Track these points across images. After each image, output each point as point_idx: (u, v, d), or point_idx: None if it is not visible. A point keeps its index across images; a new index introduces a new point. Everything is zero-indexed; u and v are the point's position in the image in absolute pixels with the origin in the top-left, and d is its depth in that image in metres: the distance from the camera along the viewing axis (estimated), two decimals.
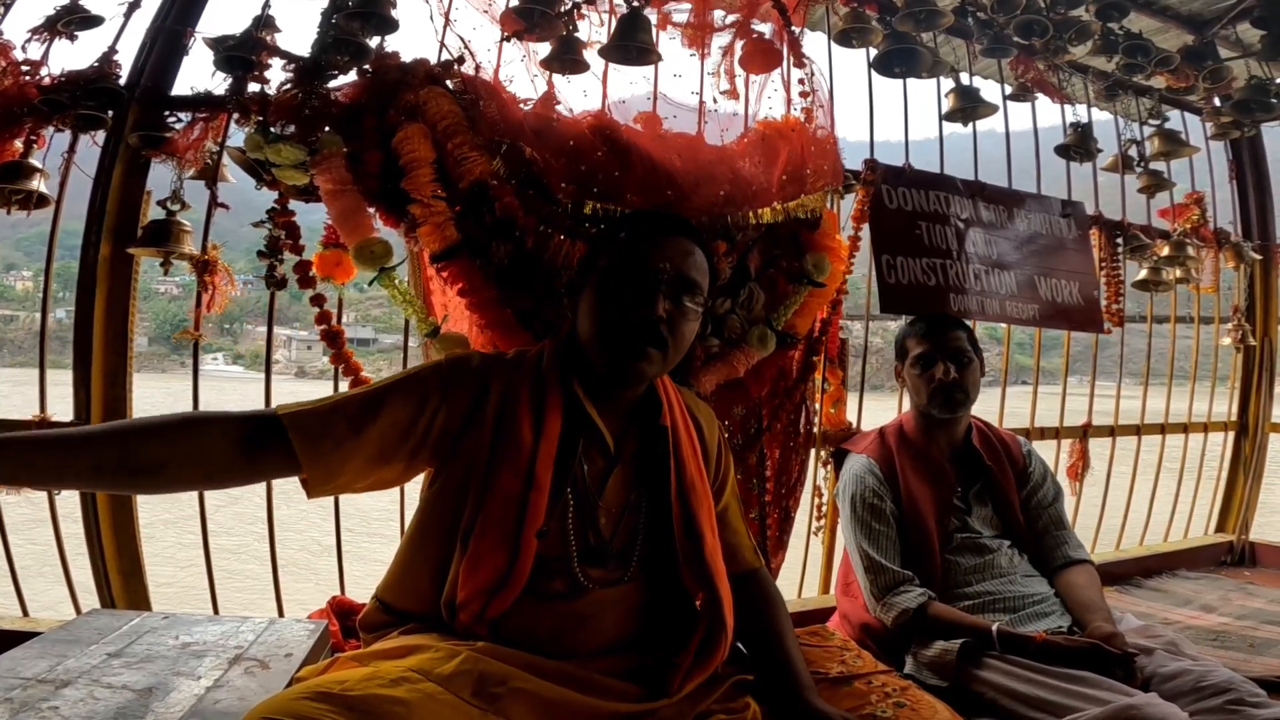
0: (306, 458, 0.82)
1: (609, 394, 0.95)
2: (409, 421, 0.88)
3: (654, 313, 0.89)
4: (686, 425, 1.01)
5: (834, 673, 1.19)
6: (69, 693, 0.89)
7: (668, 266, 0.92)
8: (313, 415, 0.84)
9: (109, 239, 1.32)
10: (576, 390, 0.93)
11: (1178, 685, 1.11)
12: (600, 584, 0.91)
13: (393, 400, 0.88)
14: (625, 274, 0.92)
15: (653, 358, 0.90)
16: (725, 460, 1.10)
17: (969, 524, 1.44)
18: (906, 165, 1.79)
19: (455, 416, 0.91)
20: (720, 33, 1.58)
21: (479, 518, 0.86)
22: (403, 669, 0.76)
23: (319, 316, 1.28)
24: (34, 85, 1.27)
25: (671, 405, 1.00)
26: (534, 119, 1.33)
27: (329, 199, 1.21)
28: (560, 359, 0.96)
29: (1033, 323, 1.87)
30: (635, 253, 0.93)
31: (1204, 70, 2.01)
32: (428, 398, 0.90)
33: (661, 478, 0.95)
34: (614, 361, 0.91)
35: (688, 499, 0.95)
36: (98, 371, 1.32)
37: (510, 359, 0.98)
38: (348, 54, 1.31)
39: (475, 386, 0.92)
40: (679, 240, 0.95)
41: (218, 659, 1.02)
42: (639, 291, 0.90)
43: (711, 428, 1.09)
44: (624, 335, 0.90)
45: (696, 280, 0.94)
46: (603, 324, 0.92)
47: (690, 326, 0.94)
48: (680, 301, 0.92)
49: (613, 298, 0.91)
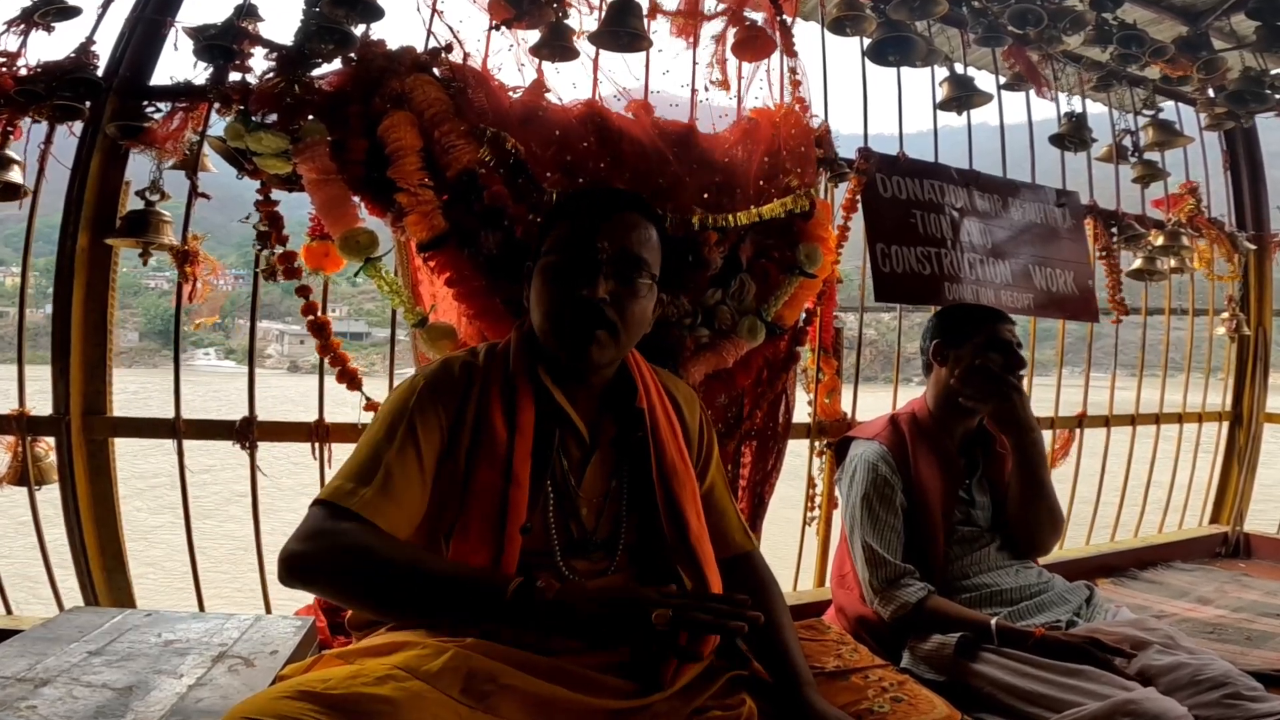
0: (396, 530, 0.83)
1: (577, 381, 0.94)
2: (439, 441, 0.88)
3: (595, 295, 0.87)
4: (665, 406, 0.99)
5: (830, 667, 1.18)
6: (48, 691, 0.87)
7: (607, 245, 0.89)
8: (387, 499, 0.83)
9: (87, 229, 1.29)
10: (544, 380, 0.91)
11: (1175, 679, 1.11)
12: (586, 576, 0.90)
13: (425, 446, 0.87)
14: (565, 257, 0.90)
15: (602, 340, 0.88)
16: (708, 439, 1.08)
17: (972, 515, 1.43)
18: (901, 154, 1.77)
19: (448, 423, 0.90)
20: (711, 21, 1.56)
21: (461, 517, 0.85)
22: (389, 666, 0.74)
23: (305, 308, 1.25)
24: (10, 76, 1.24)
25: (648, 387, 0.98)
26: (521, 107, 1.32)
27: (313, 188, 1.18)
28: (525, 349, 0.94)
29: (1027, 312, 1.86)
30: (575, 234, 0.91)
31: (1199, 61, 2.00)
32: (438, 411, 0.89)
33: (641, 463, 0.94)
34: (565, 349, 0.90)
35: (669, 483, 0.93)
36: (76, 365, 1.30)
37: (482, 357, 0.96)
38: (332, 42, 1.28)
39: (459, 393, 0.91)
40: (623, 215, 0.93)
41: (201, 656, 1.01)
42: (579, 274, 0.88)
43: (692, 407, 1.07)
44: (569, 321, 0.88)
45: (642, 256, 0.91)
46: (549, 311, 0.90)
47: (642, 304, 0.92)
48: (628, 281, 0.90)
49: (555, 283, 0.90)
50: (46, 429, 1.31)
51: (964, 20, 1.91)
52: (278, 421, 1.36)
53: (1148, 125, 2.15)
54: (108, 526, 1.34)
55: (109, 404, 1.33)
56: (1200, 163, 2.39)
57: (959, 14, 1.90)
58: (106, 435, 1.33)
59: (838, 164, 1.64)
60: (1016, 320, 1.56)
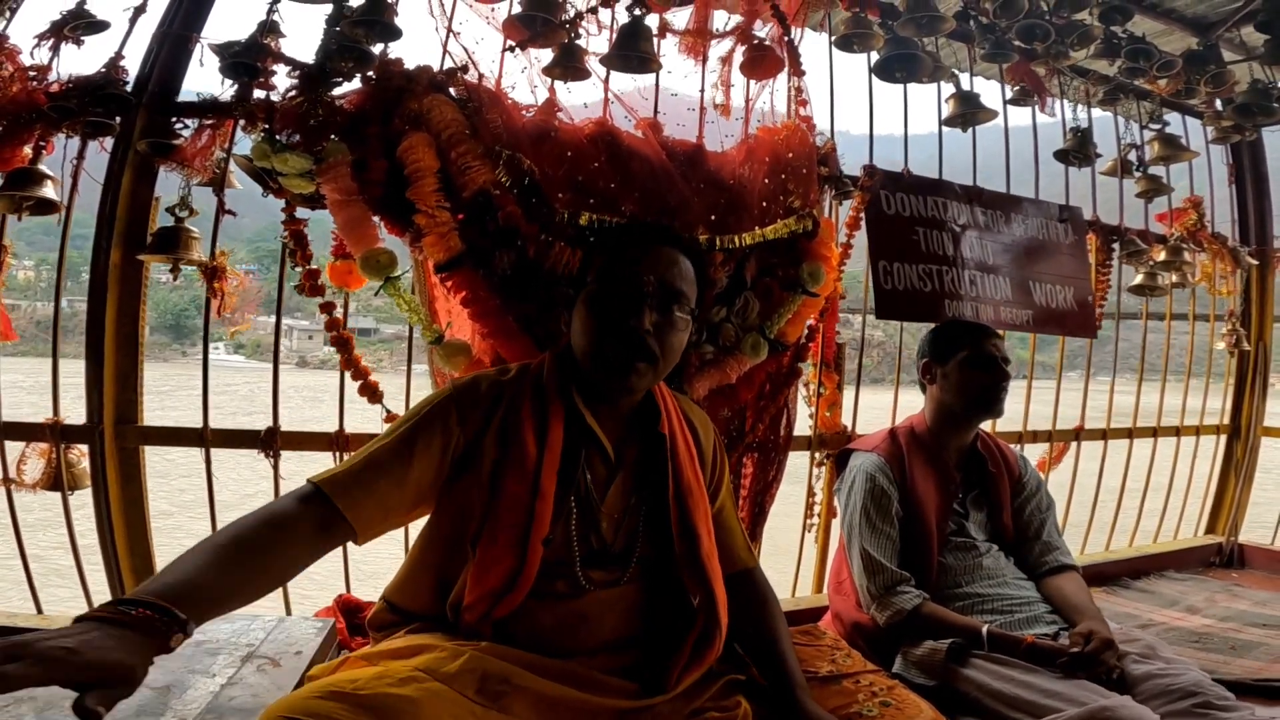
0: (360, 523, 0.86)
1: (606, 403, 0.98)
2: (439, 459, 0.92)
3: (641, 326, 0.92)
4: (683, 431, 1.04)
5: (824, 671, 1.22)
6: None
7: (652, 279, 0.94)
8: (355, 482, 0.87)
9: (119, 245, 1.34)
10: (576, 402, 0.96)
11: (1148, 689, 1.15)
12: (601, 585, 0.95)
13: (421, 445, 0.91)
14: (611, 288, 0.95)
15: (642, 371, 0.93)
16: (721, 463, 1.13)
17: (965, 527, 1.48)
18: (905, 170, 1.80)
19: (468, 439, 0.94)
20: (719, 40, 1.59)
21: (487, 526, 0.90)
22: (410, 668, 0.80)
23: (329, 324, 1.30)
24: (42, 91, 1.29)
25: (669, 412, 1.03)
26: (534, 127, 1.35)
27: (335, 208, 1.23)
28: (559, 371, 0.99)
29: (1026, 328, 1.89)
30: (620, 266, 0.96)
31: (1206, 74, 2.01)
32: (449, 432, 0.93)
33: (660, 483, 0.99)
34: (605, 376, 0.94)
35: (684, 503, 0.98)
36: (110, 375, 1.35)
37: (513, 376, 1.01)
38: (351, 60, 1.32)
39: (485, 408, 0.96)
40: (664, 250, 0.98)
41: (230, 656, 1.06)
42: (625, 305, 0.93)
43: (707, 432, 1.12)
44: (613, 350, 0.93)
45: (683, 290, 0.96)
46: (592, 339, 0.94)
47: (680, 337, 0.97)
48: (668, 312, 0.95)
49: (600, 313, 0.94)
50: (80, 437, 1.37)
51: (971, 35, 1.93)
52: (300, 431, 1.41)
53: (1153, 139, 2.16)
54: (137, 530, 1.40)
55: (140, 413, 1.39)
56: (1205, 176, 2.40)
57: (966, 29, 1.91)
58: (137, 444, 1.39)
59: (842, 181, 1.67)
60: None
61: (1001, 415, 1.51)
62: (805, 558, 1.89)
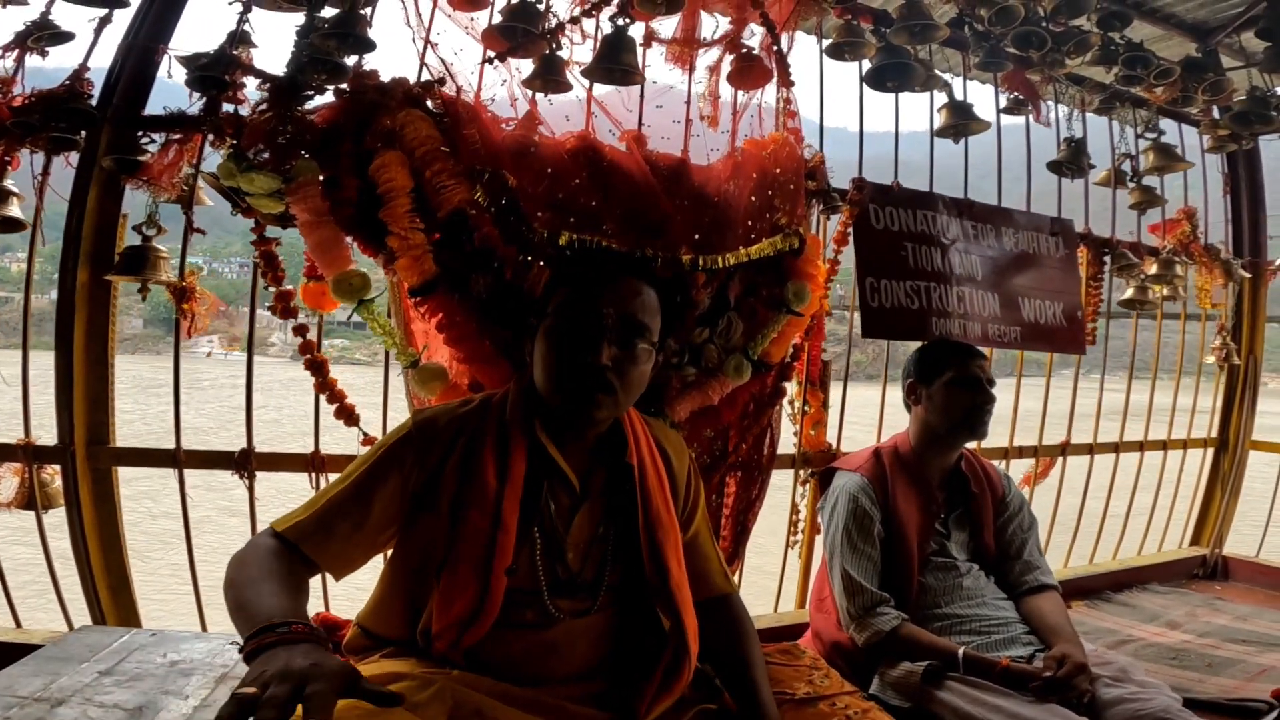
0: (328, 564, 0.91)
1: (572, 434, 0.97)
2: (398, 497, 0.93)
3: (598, 361, 0.90)
4: (654, 459, 1.03)
5: (800, 693, 1.22)
6: (64, 712, 0.93)
7: (611, 313, 0.92)
8: (317, 527, 0.90)
9: (86, 264, 1.31)
10: (539, 434, 0.95)
11: (1118, 713, 1.17)
12: (570, 614, 0.95)
13: (378, 486, 0.92)
14: (569, 324, 0.93)
15: (603, 403, 0.92)
16: (695, 489, 1.12)
17: (946, 547, 1.48)
18: (895, 184, 1.76)
19: (424, 476, 0.94)
20: (707, 50, 1.55)
21: (450, 556, 0.90)
22: None
23: (302, 346, 1.28)
24: (5, 105, 1.25)
25: (638, 439, 1.01)
26: (513, 142, 1.31)
27: (305, 230, 1.20)
28: (523, 402, 0.98)
29: (1014, 345, 1.87)
30: (579, 299, 0.94)
31: (1204, 83, 1.97)
32: (405, 470, 0.93)
33: (629, 511, 0.98)
34: (567, 409, 0.93)
35: (654, 533, 0.98)
36: (80, 398, 1.33)
37: (476, 407, 1.00)
38: (324, 73, 1.28)
39: (444, 445, 0.95)
40: (625, 282, 0.96)
41: (205, 677, 1.06)
42: (583, 340, 0.92)
43: (681, 458, 1.11)
44: (571, 384, 0.92)
45: (644, 322, 0.95)
46: (551, 374, 0.93)
47: (641, 369, 0.95)
48: (629, 346, 0.93)
49: (559, 347, 0.93)
50: (52, 457, 1.35)
51: (966, 42, 1.88)
52: (275, 452, 1.40)
53: (1148, 149, 2.12)
54: (112, 549, 1.39)
55: (112, 434, 1.37)
56: (1200, 186, 2.37)
57: (961, 36, 1.87)
58: (110, 465, 1.37)
59: (831, 195, 1.64)
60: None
61: (985, 437, 1.51)
62: (788, 574, 1.89)
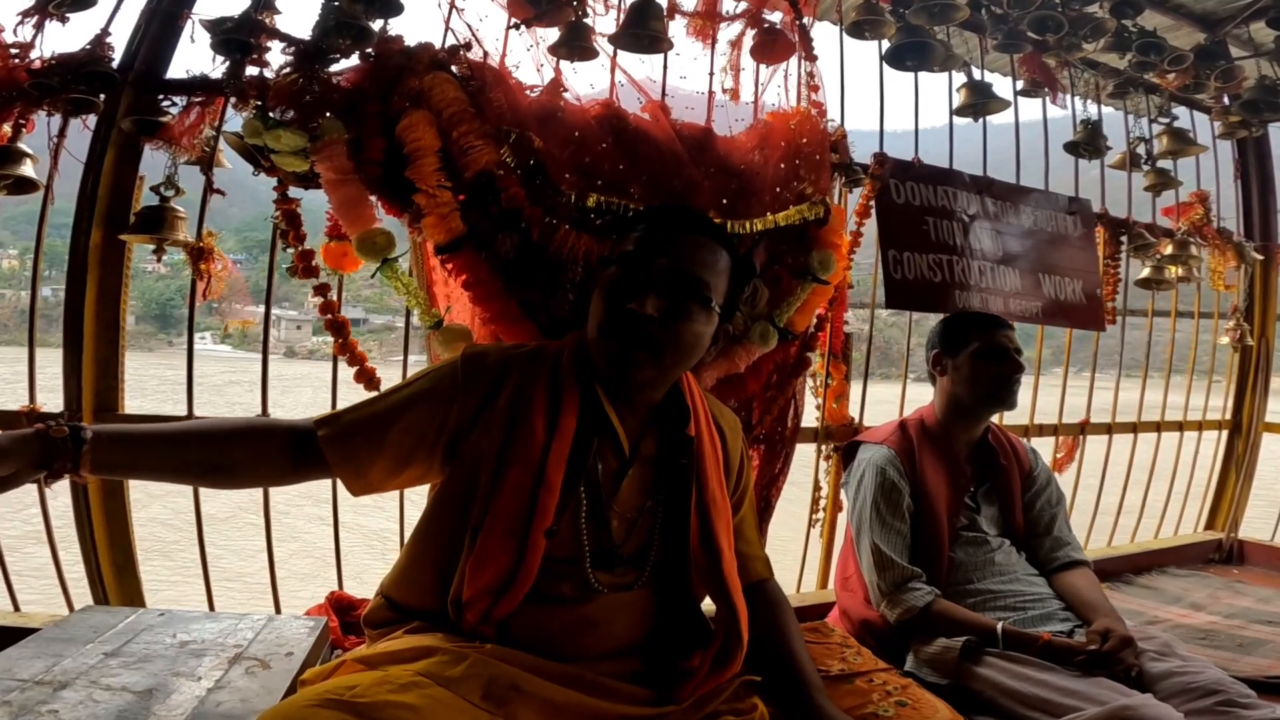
0: (336, 464, 0.88)
1: (622, 397, 0.93)
2: (425, 425, 0.89)
3: (641, 310, 0.86)
4: (712, 435, 0.99)
5: (835, 670, 1.19)
6: (68, 695, 0.87)
7: (664, 263, 0.88)
8: (343, 426, 0.89)
9: (100, 225, 1.28)
10: (598, 390, 0.91)
11: (1168, 687, 1.13)
12: (611, 588, 0.90)
13: (410, 406, 0.89)
14: (623, 271, 0.90)
15: (642, 360, 0.87)
16: (746, 471, 1.08)
17: (977, 522, 1.45)
18: (915, 159, 1.77)
19: (468, 413, 0.89)
20: (729, 24, 1.55)
21: (487, 514, 0.85)
22: (412, 673, 0.76)
23: (323, 306, 1.25)
24: (23, 68, 1.22)
25: (698, 413, 0.97)
26: (539, 107, 1.30)
27: (330, 188, 1.18)
28: (580, 357, 0.94)
29: (1035, 320, 1.87)
30: (638, 250, 0.91)
31: (1216, 70, 2.00)
32: (443, 399, 0.89)
33: (682, 487, 0.93)
34: (608, 364, 0.89)
35: (708, 512, 0.94)
36: (89, 361, 1.29)
37: (529, 352, 0.95)
38: (349, 37, 1.26)
39: (490, 382, 0.91)
40: (692, 237, 0.92)
41: (217, 658, 1.00)
42: (629, 287, 0.88)
43: (736, 437, 1.06)
44: (616, 337, 0.88)
45: (702, 278, 0.90)
46: (599, 322, 0.90)
47: (692, 328, 0.89)
48: (679, 300, 0.88)
49: (609, 296, 0.89)
50: None
51: (983, 25, 1.90)
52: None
53: (1162, 133, 2.15)
54: (118, 524, 1.34)
55: (121, 401, 1.33)
56: (1211, 172, 2.40)
57: (979, 19, 1.89)
58: None
59: (853, 169, 1.64)
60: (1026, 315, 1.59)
61: (1014, 408, 1.49)
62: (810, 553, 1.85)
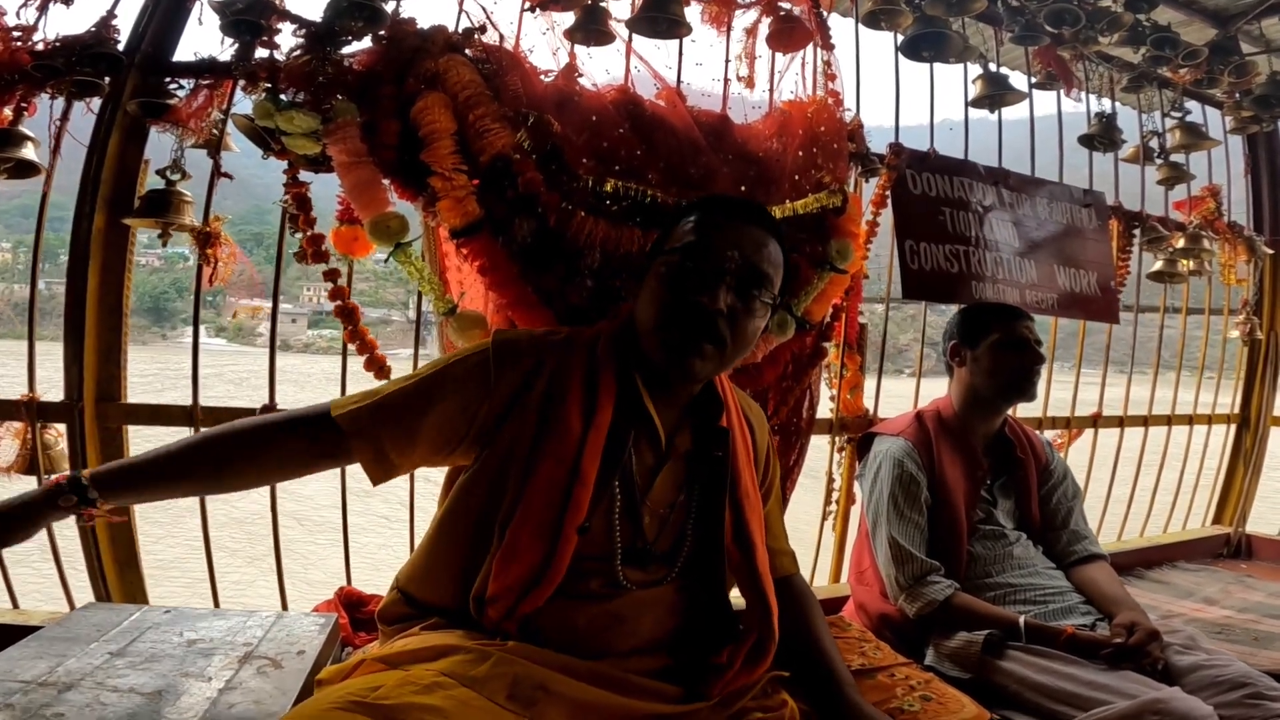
0: (365, 459, 0.85)
1: (666, 387, 0.90)
2: (458, 416, 0.86)
3: (714, 305, 0.84)
4: (743, 428, 0.97)
5: (855, 665, 1.17)
6: (73, 697, 0.84)
7: (735, 255, 0.86)
8: (367, 417, 0.85)
9: (104, 209, 1.24)
10: (636, 380, 0.88)
11: (1196, 680, 1.12)
12: (639, 585, 0.88)
13: (440, 394, 0.86)
14: (690, 262, 0.86)
15: (708, 354, 0.85)
16: (773, 465, 1.07)
17: (994, 515, 1.44)
18: (931, 150, 1.75)
19: (500, 401, 0.86)
20: (745, 10, 1.52)
21: (518, 508, 0.82)
22: (435, 673, 0.73)
23: (333, 292, 1.21)
24: (26, 51, 1.19)
25: (730, 406, 0.95)
26: (555, 92, 1.28)
27: (343, 171, 1.15)
28: (618, 346, 0.91)
29: (1050, 312, 1.86)
30: (703, 239, 0.87)
31: (1230, 65, 1.99)
32: (475, 388, 0.86)
33: (716, 481, 0.91)
34: (667, 355, 0.86)
35: (741, 506, 0.92)
36: (91, 348, 1.25)
37: (563, 339, 0.92)
38: (362, 19, 1.23)
39: (524, 369, 0.87)
40: (752, 229, 0.89)
41: (227, 657, 0.97)
42: (701, 281, 0.85)
43: (763, 430, 1.05)
44: (680, 328, 0.85)
45: (767, 273, 0.88)
46: (660, 314, 0.86)
47: (755, 324, 0.88)
48: (746, 295, 0.86)
49: (674, 286, 0.86)
50: (58, 415, 1.27)
51: (999, 17, 1.89)
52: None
53: (1175, 127, 2.14)
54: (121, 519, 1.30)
55: (124, 390, 1.29)
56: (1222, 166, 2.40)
57: (995, 11, 1.87)
58: (120, 422, 1.29)
59: (869, 159, 1.62)
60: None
61: (1034, 399, 1.47)
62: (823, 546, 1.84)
